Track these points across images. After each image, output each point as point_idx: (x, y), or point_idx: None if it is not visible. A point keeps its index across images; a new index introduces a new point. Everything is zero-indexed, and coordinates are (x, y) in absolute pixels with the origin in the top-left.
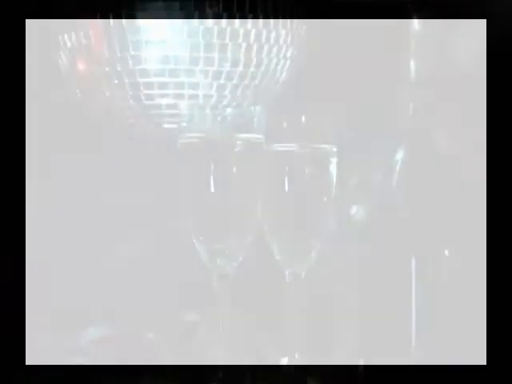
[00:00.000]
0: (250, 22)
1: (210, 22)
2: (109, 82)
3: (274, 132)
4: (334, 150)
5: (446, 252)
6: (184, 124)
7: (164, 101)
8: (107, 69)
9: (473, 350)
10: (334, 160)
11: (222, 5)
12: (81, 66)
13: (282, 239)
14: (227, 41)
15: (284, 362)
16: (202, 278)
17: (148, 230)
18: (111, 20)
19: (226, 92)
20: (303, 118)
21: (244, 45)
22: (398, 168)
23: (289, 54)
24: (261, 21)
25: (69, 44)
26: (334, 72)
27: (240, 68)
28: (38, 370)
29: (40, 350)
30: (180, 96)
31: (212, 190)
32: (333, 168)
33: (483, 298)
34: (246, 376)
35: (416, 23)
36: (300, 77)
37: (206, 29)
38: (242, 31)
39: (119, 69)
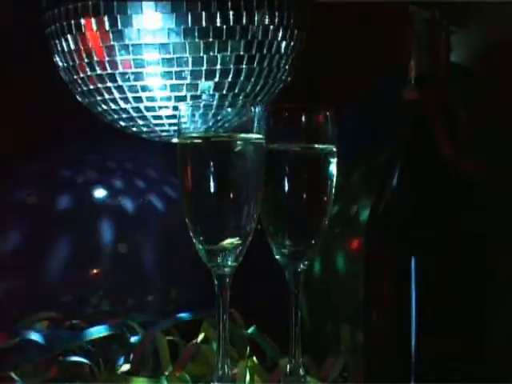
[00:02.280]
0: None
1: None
2: (106, 85)
3: (274, 132)
4: (334, 149)
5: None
6: (184, 124)
7: (164, 102)
8: (104, 71)
9: None
10: (334, 160)
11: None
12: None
13: (282, 239)
14: (224, 39)
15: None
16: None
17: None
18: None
19: (225, 91)
20: (303, 118)
21: (241, 41)
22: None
23: (287, 49)
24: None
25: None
26: (334, 70)
27: (237, 65)
28: None
29: None
30: (179, 97)
31: (212, 190)
32: (333, 168)
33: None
34: None
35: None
36: (300, 75)
37: (201, 28)
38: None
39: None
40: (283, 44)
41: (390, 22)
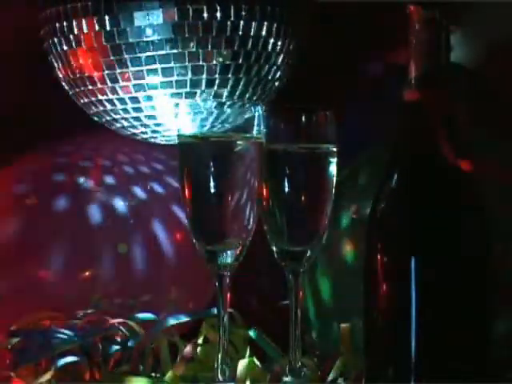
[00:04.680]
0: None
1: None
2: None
3: (274, 132)
4: (334, 149)
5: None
6: (183, 124)
7: (164, 100)
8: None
9: None
10: (334, 160)
11: None
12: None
13: (281, 239)
14: (223, 35)
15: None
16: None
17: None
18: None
19: (225, 88)
20: (303, 118)
21: (240, 38)
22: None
23: (286, 47)
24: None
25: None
26: (334, 70)
27: (238, 62)
28: None
29: None
30: (179, 95)
31: (212, 190)
32: (333, 168)
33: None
34: None
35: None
36: (300, 75)
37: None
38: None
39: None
40: (271, 41)
41: (390, 21)
